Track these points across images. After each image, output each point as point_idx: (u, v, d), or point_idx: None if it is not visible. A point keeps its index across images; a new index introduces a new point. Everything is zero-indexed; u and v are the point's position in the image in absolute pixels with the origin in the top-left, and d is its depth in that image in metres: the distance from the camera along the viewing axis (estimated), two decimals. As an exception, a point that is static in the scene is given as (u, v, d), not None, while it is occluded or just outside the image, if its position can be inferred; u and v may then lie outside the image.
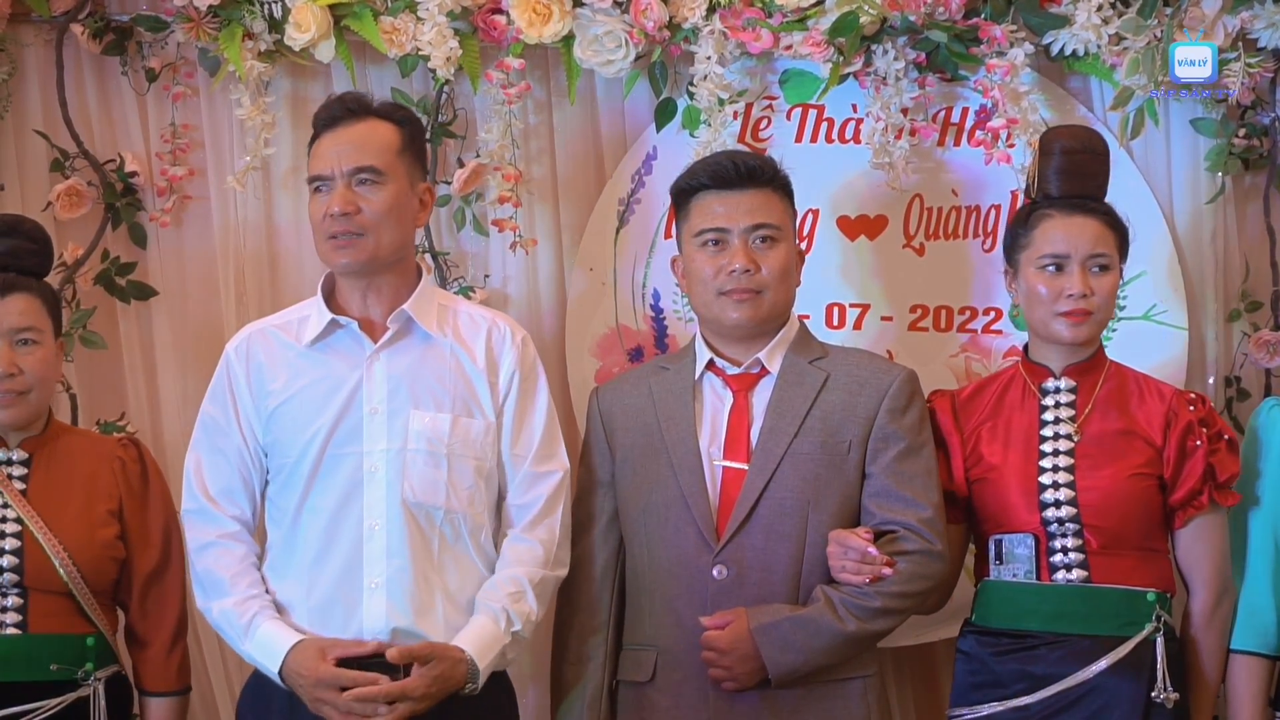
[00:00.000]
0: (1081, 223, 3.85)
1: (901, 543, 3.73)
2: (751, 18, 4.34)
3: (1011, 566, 3.84)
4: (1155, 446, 3.84)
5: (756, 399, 3.85)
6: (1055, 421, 3.88)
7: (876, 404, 3.81)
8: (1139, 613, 3.78)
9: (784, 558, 3.73)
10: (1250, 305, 4.49)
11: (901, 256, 4.50)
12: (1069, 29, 4.32)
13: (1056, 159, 3.92)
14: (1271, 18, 4.28)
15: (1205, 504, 3.83)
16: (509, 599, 3.69)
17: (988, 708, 3.81)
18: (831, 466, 3.78)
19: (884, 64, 4.35)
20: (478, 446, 3.74)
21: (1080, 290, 3.82)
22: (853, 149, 4.47)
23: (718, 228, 3.83)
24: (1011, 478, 3.85)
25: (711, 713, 3.72)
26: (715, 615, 3.69)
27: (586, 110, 4.58)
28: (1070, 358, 3.91)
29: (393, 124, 3.77)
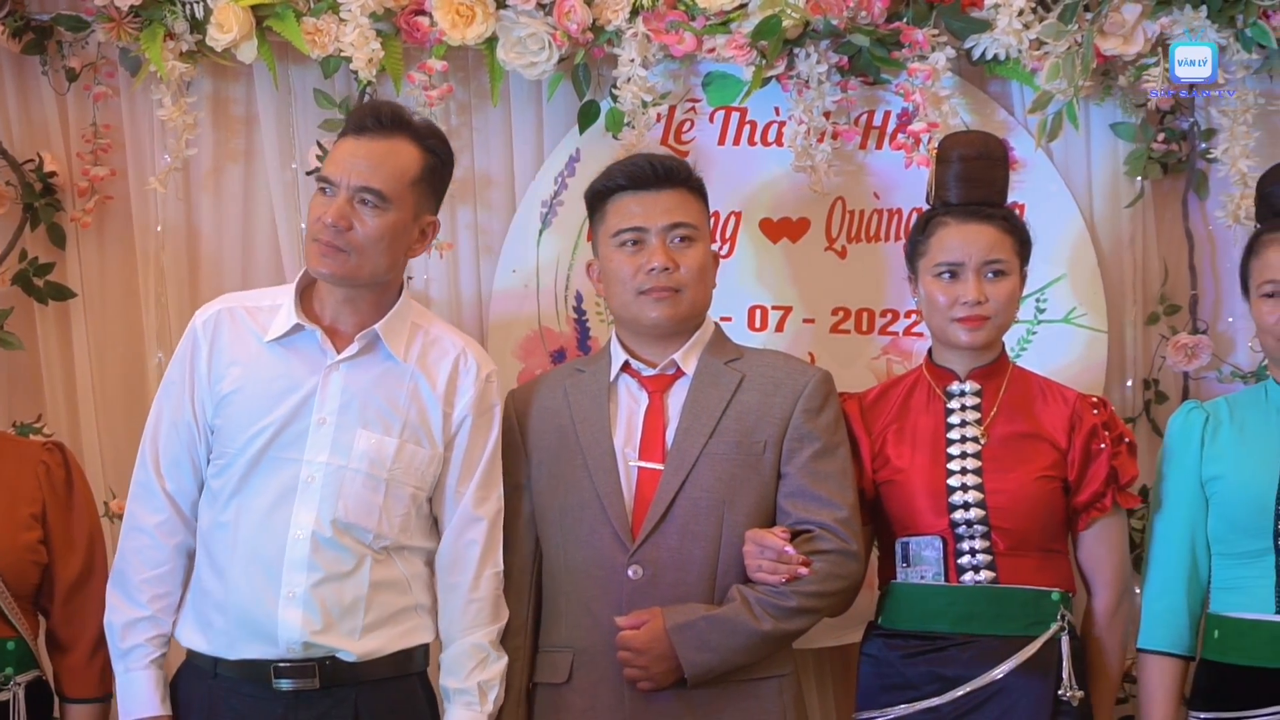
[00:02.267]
0: (976, 229, 3.88)
1: (817, 542, 3.74)
2: (674, 20, 4.35)
3: (919, 569, 3.86)
4: (1060, 449, 3.88)
5: (672, 400, 3.86)
6: (962, 425, 3.91)
7: (792, 405, 3.82)
8: (1044, 613, 3.82)
9: (699, 557, 3.74)
10: (1169, 309, 4.52)
11: (823, 259, 4.51)
12: (990, 34, 4.34)
13: (954, 166, 3.95)
14: (1190, 23, 4.30)
15: (1109, 506, 3.88)
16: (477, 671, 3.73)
17: (897, 710, 3.83)
18: (747, 466, 3.79)
19: (806, 67, 4.36)
20: (419, 475, 3.73)
21: (975, 297, 3.85)
22: (775, 152, 4.49)
23: (636, 227, 3.83)
24: (918, 480, 3.88)
25: (628, 713, 3.72)
26: (631, 615, 3.70)
27: (509, 112, 4.58)
28: (973, 361, 3.94)
29: (420, 150, 3.73)
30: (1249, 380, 4.43)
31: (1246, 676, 3.81)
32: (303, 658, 3.61)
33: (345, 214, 3.63)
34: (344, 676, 3.64)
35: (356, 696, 3.65)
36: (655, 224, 3.82)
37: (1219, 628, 3.88)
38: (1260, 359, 4.30)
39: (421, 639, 3.76)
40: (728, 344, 3.97)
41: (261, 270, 4.56)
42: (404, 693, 3.73)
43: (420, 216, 3.74)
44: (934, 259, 3.91)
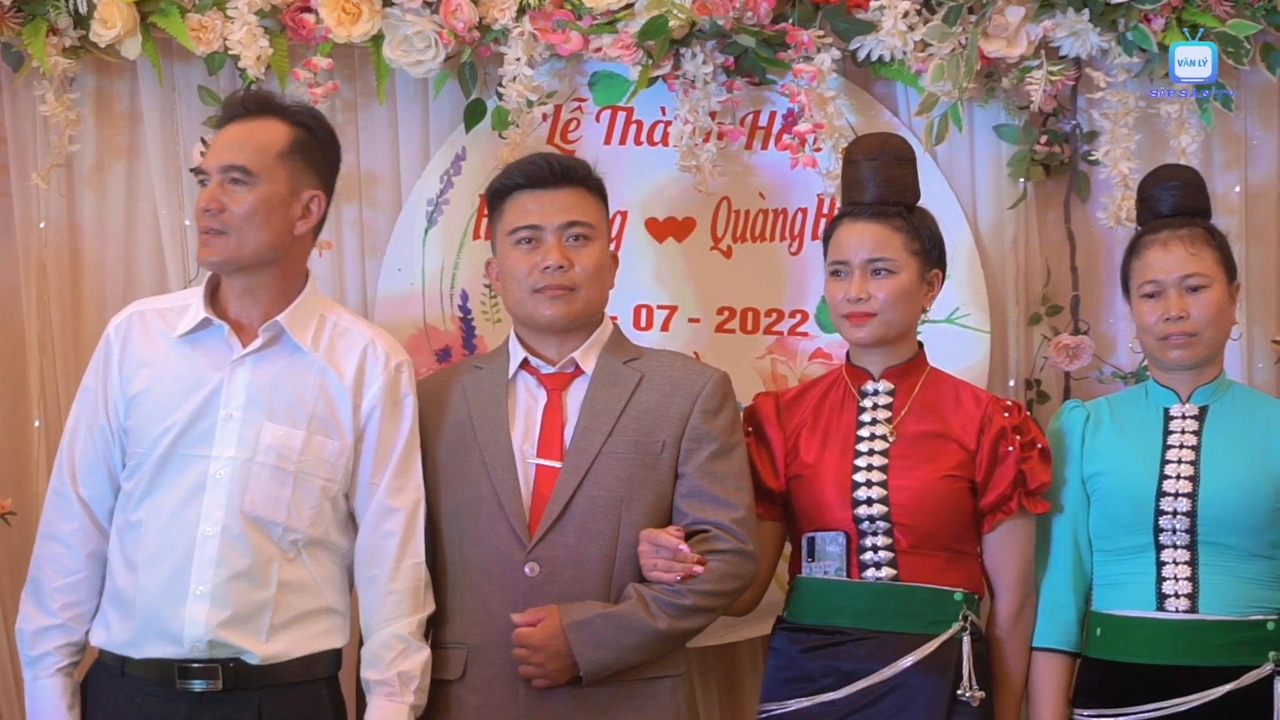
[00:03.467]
0: (864, 228, 3.92)
1: (713, 542, 3.75)
2: (561, 20, 4.35)
3: (823, 564, 3.88)
4: (968, 450, 3.90)
5: (570, 398, 3.86)
6: (872, 423, 3.93)
7: (690, 405, 3.83)
8: (946, 612, 3.84)
9: (596, 556, 3.74)
10: (1051, 309, 4.55)
11: (709, 259, 4.52)
12: (875, 35, 4.36)
13: (857, 166, 3.98)
14: (1073, 26, 4.34)
15: (1014, 509, 3.90)
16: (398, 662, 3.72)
17: (795, 703, 3.85)
18: (644, 466, 3.79)
19: (692, 67, 4.37)
20: (329, 467, 3.71)
21: (856, 294, 3.88)
22: (661, 151, 4.49)
23: (531, 225, 3.84)
24: (827, 476, 3.90)
25: (521, 710, 3.71)
26: (527, 612, 3.68)
27: (395, 110, 4.57)
28: (888, 361, 3.97)
29: (287, 124, 3.72)
30: (1130, 380, 4.46)
31: (1128, 673, 3.85)
32: (208, 658, 3.58)
33: (216, 196, 3.63)
34: (249, 679, 3.61)
35: (260, 700, 3.62)
36: (551, 222, 3.83)
37: (1101, 625, 3.92)
38: (1141, 359, 4.34)
39: (331, 644, 3.73)
40: (627, 344, 3.98)
41: (145, 267, 4.52)
42: (310, 697, 3.70)
43: (299, 191, 3.71)
44: (830, 258, 3.96)
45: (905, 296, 3.92)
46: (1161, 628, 3.83)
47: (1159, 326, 3.88)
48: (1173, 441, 3.91)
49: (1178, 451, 3.89)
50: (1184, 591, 3.82)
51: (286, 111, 3.75)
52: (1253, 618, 3.81)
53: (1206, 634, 3.81)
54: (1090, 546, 3.97)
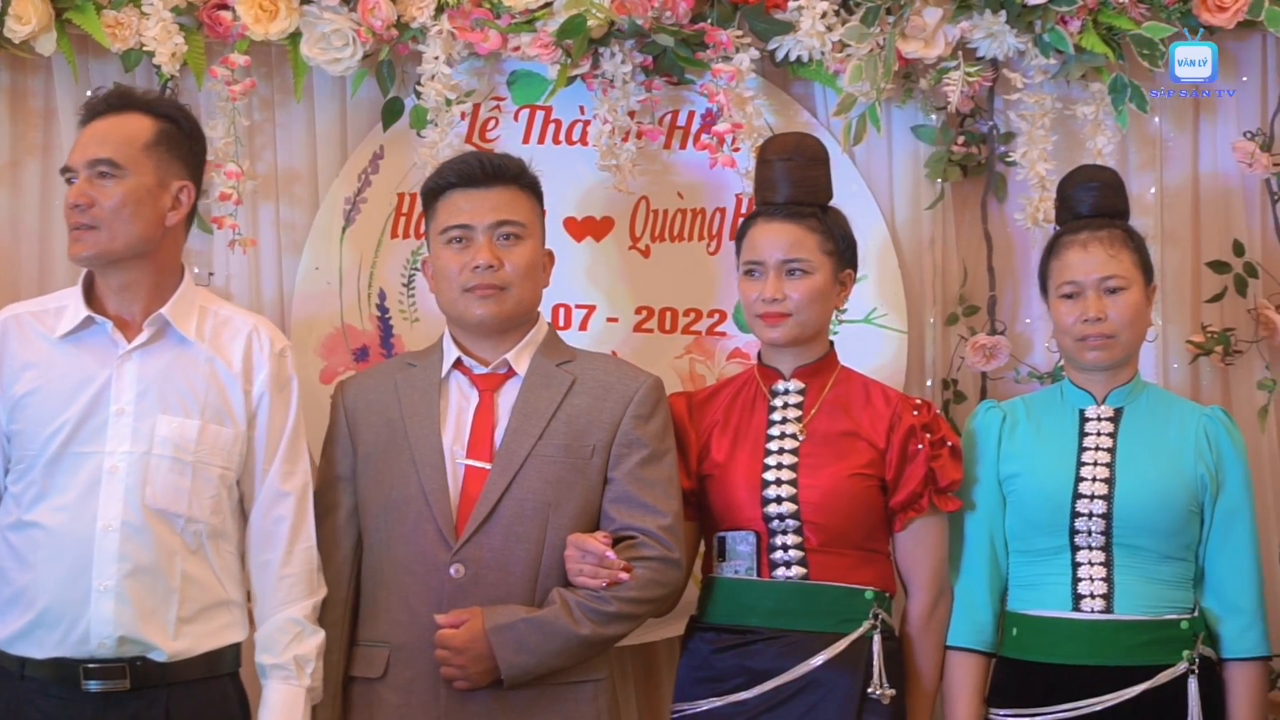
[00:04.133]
0: (777, 228, 3.92)
1: (640, 549, 3.75)
2: (480, 18, 4.33)
3: (734, 563, 3.90)
4: (878, 449, 3.91)
5: (502, 399, 3.85)
6: (782, 421, 3.94)
7: (622, 410, 3.83)
8: (856, 610, 3.85)
9: (522, 559, 3.73)
10: (967, 310, 4.56)
11: (627, 258, 4.52)
12: (794, 35, 4.36)
13: (770, 166, 3.98)
14: (990, 28, 4.36)
15: (925, 507, 3.92)
16: (293, 645, 3.71)
17: (706, 703, 3.86)
18: (574, 470, 3.79)
19: (611, 67, 4.37)
20: (225, 455, 3.69)
21: (771, 295, 3.88)
22: (580, 151, 4.49)
23: (462, 224, 3.84)
24: (737, 475, 3.91)
25: (442, 711, 3.71)
26: (451, 614, 3.68)
27: (312, 109, 4.54)
28: (799, 360, 3.97)
29: (151, 117, 3.69)
30: (1046, 381, 4.48)
31: (1043, 673, 3.87)
32: (113, 657, 3.56)
33: (85, 191, 3.62)
34: (154, 677, 3.59)
35: (168, 698, 3.60)
36: (481, 221, 3.83)
37: (1017, 625, 3.93)
38: (1057, 359, 4.36)
39: (234, 638, 3.72)
40: (561, 345, 3.98)
41: (59, 266, 4.46)
42: (216, 694, 3.69)
43: (167, 182, 3.69)
44: (744, 257, 3.96)
45: (820, 297, 3.93)
46: (1077, 628, 3.86)
47: (1077, 327, 3.90)
48: (1088, 443, 3.94)
49: (1093, 453, 3.92)
50: (1099, 592, 3.85)
51: (149, 105, 3.74)
52: (1167, 617, 3.84)
53: (1121, 634, 3.83)
54: (1006, 547, 3.99)
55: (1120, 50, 4.41)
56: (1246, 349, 4.59)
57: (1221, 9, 4.37)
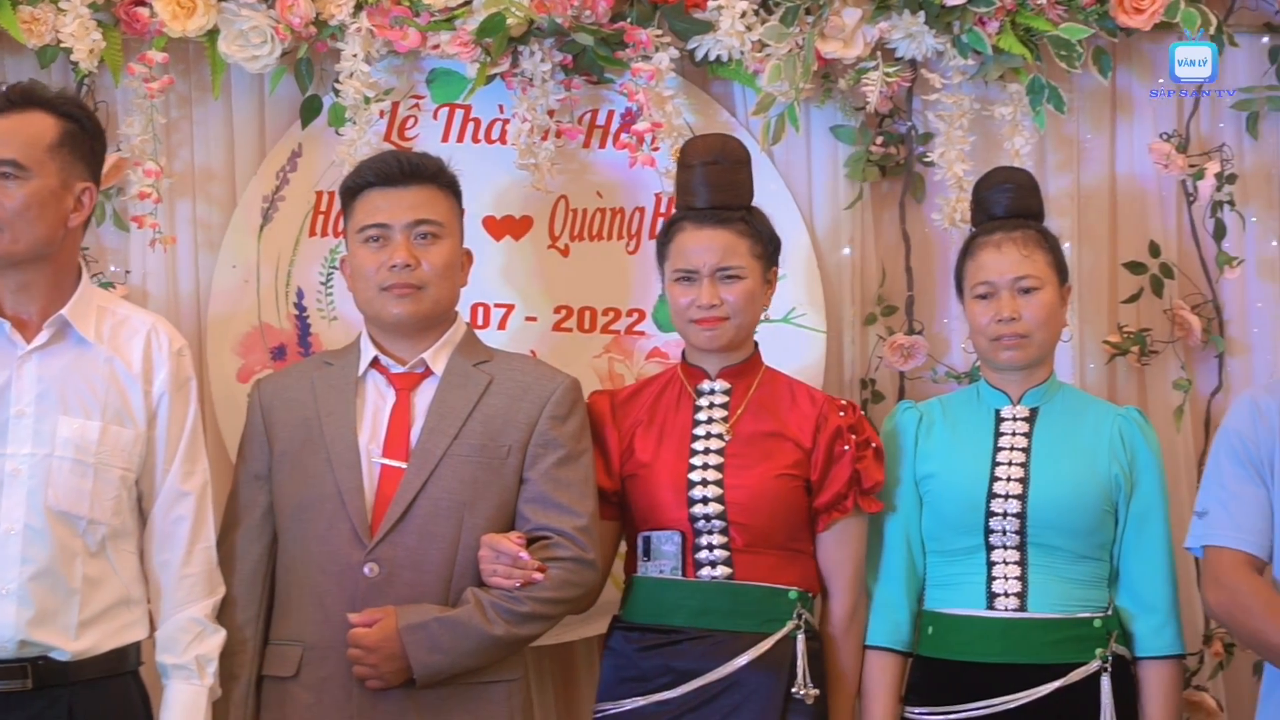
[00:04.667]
0: (710, 234, 3.92)
1: (554, 549, 3.75)
2: (399, 16, 4.32)
3: (659, 563, 3.90)
4: (804, 449, 3.92)
5: (419, 399, 3.85)
6: (708, 421, 3.94)
7: (538, 410, 3.83)
8: (781, 610, 3.86)
9: (437, 558, 3.73)
10: (886, 309, 4.57)
11: (546, 257, 4.51)
12: (713, 35, 4.36)
13: (694, 170, 3.98)
14: (909, 29, 4.37)
15: (849, 509, 3.92)
16: (194, 645, 3.70)
17: (630, 702, 3.86)
18: (490, 470, 3.79)
19: (531, 65, 4.36)
20: (125, 456, 3.66)
21: (708, 301, 3.88)
22: (499, 149, 4.47)
23: (379, 223, 3.83)
24: (663, 475, 3.91)
25: (354, 711, 3.70)
26: (364, 613, 3.67)
27: (230, 106, 4.52)
28: (725, 361, 3.98)
29: (55, 116, 3.65)
30: (963, 381, 4.50)
31: (959, 671, 3.89)
32: (15, 657, 3.52)
33: None
34: (57, 677, 3.55)
35: (70, 697, 3.56)
36: (399, 220, 3.82)
37: (933, 624, 3.95)
38: (974, 360, 4.38)
39: (136, 636, 3.70)
40: (478, 345, 3.97)
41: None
42: (118, 693, 3.66)
43: (70, 183, 3.66)
44: (674, 264, 3.95)
45: (753, 300, 3.95)
46: (991, 626, 3.87)
47: (991, 327, 3.92)
48: (1003, 443, 3.96)
49: (1008, 453, 3.94)
50: (1013, 591, 3.87)
51: (53, 103, 3.69)
52: (1080, 615, 3.87)
53: (1035, 632, 3.86)
54: (923, 546, 4.00)
55: (1038, 51, 4.43)
56: (1162, 349, 4.62)
57: (1138, 11, 4.39)
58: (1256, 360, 4.66)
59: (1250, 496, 3.69)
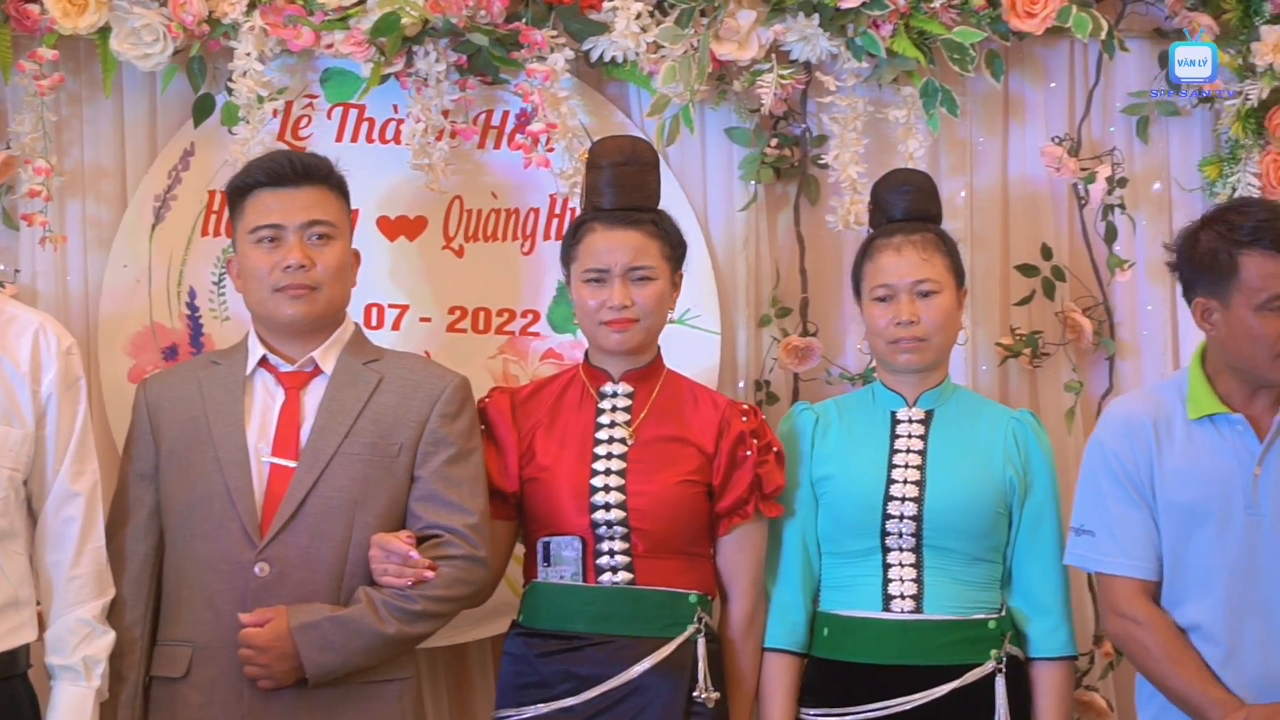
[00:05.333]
0: (621, 235, 3.91)
1: (445, 548, 3.74)
2: (292, 15, 4.28)
3: (559, 568, 3.89)
4: (706, 454, 3.92)
5: (309, 398, 3.83)
6: (610, 426, 3.94)
7: (429, 409, 3.82)
8: (681, 614, 3.86)
9: (328, 557, 3.71)
10: (780, 311, 4.58)
11: (441, 258, 4.50)
12: (608, 36, 4.35)
13: (603, 171, 3.97)
14: (803, 31, 4.38)
15: (750, 513, 3.93)
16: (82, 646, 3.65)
17: (532, 709, 3.85)
18: (381, 468, 3.77)
19: (425, 65, 4.34)
20: (14, 456, 3.62)
21: (620, 302, 3.88)
22: (393, 149, 4.46)
23: (273, 224, 3.81)
24: (563, 480, 3.90)
25: (245, 711, 3.68)
26: (255, 612, 3.65)
27: (121, 104, 4.48)
28: (628, 364, 3.97)
29: None
30: (857, 383, 4.51)
31: (854, 673, 3.91)
32: None
33: None
34: None
35: None
36: (292, 221, 3.80)
37: (829, 625, 3.96)
38: (869, 361, 4.39)
39: (25, 638, 3.66)
40: (367, 344, 3.96)
41: None
42: (6, 695, 3.62)
43: None
44: (583, 264, 3.94)
45: (663, 302, 3.96)
46: (887, 628, 3.89)
47: (889, 330, 3.94)
48: (899, 445, 3.98)
49: (904, 455, 3.96)
50: (909, 593, 3.89)
51: None
52: (975, 617, 3.89)
53: (930, 634, 3.88)
54: (819, 548, 4.01)
55: (931, 55, 4.45)
56: (1054, 352, 4.65)
57: (1030, 15, 4.41)
58: (1146, 363, 4.70)
59: (1135, 519, 3.77)
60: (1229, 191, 4.56)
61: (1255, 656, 3.72)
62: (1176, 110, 4.66)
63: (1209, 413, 3.76)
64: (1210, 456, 3.75)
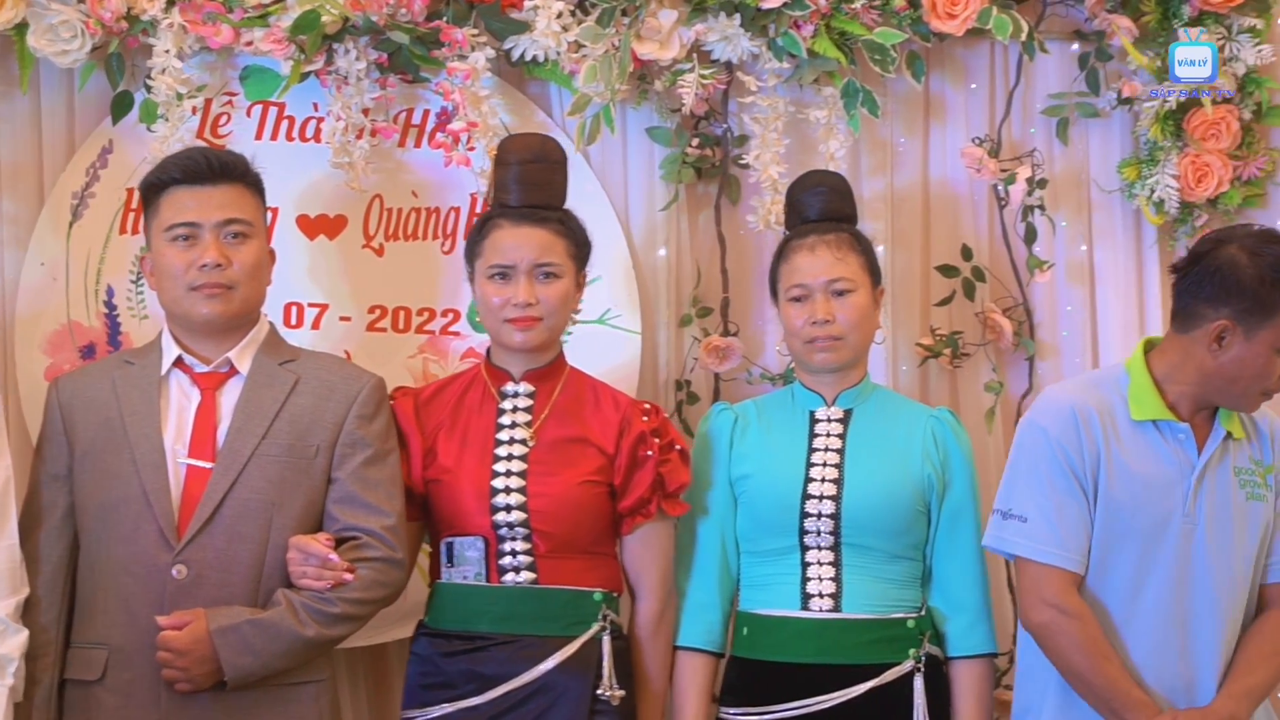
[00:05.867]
0: (528, 232, 3.91)
1: (363, 549, 3.73)
2: (212, 12, 4.26)
3: (462, 569, 3.88)
4: (607, 454, 3.92)
5: (225, 398, 3.80)
6: (512, 426, 3.93)
7: (345, 410, 3.81)
8: (586, 613, 3.86)
9: (245, 560, 3.69)
10: (701, 311, 4.58)
11: (361, 256, 4.48)
12: (529, 35, 4.35)
13: (511, 168, 3.96)
14: (724, 31, 4.38)
15: (654, 512, 3.93)
16: None
17: (438, 709, 3.84)
18: (298, 470, 3.76)
19: (346, 63, 4.33)
20: None
21: (525, 299, 3.87)
22: (313, 148, 4.44)
23: (188, 222, 3.78)
24: (465, 481, 3.89)
25: (162, 714, 3.65)
26: (173, 615, 3.63)
27: (38, 100, 4.45)
28: (529, 363, 3.96)
29: None
30: (777, 383, 4.52)
31: (773, 672, 3.91)
32: None
33: None
34: None
35: None
36: (209, 219, 3.78)
37: (748, 624, 3.97)
38: (788, 361, 4.39)
39: None
40: (283, 345, 3.94)
41: None
42: None
43: None
44: (488, 260, 3.92)
45: (567, 301, 3.95)
46: (806, 627, 3.90)
47: (805, 330, 3.94)
48: (818, 444, 3.98)
49: (822, 454, 3.97)
50: (827, 591, 3.89)
51: None
52: (894, 616, 3.90)
53: (849, 632, 3.89)
54: (737, 547, 4.02)
55: (853, 56, 4.46)
56: (974, 352, 4.67)
57: (951, 16, 4.43)
58: (1066, 363, 4.72)
59: (1073, 510, 3.76)
60: (1147, 194, 4.59)
61: (1174, 665, 3.75)
62: (1096, 112, 4.69)
63: (1154, 418, 3.78)
64: (1154, 461, 3.77)
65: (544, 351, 3.98)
